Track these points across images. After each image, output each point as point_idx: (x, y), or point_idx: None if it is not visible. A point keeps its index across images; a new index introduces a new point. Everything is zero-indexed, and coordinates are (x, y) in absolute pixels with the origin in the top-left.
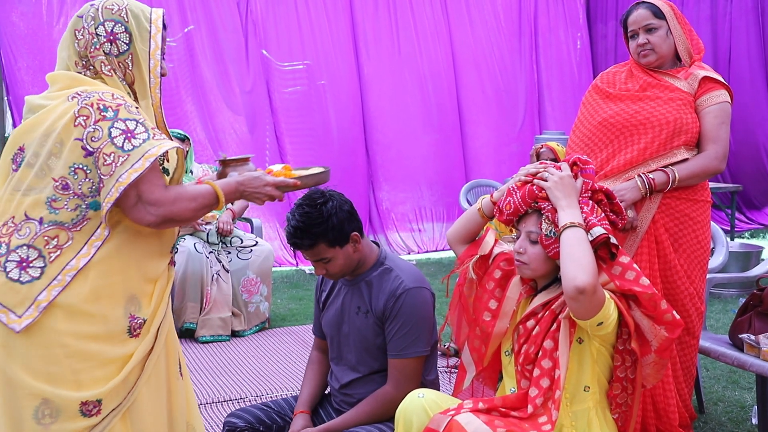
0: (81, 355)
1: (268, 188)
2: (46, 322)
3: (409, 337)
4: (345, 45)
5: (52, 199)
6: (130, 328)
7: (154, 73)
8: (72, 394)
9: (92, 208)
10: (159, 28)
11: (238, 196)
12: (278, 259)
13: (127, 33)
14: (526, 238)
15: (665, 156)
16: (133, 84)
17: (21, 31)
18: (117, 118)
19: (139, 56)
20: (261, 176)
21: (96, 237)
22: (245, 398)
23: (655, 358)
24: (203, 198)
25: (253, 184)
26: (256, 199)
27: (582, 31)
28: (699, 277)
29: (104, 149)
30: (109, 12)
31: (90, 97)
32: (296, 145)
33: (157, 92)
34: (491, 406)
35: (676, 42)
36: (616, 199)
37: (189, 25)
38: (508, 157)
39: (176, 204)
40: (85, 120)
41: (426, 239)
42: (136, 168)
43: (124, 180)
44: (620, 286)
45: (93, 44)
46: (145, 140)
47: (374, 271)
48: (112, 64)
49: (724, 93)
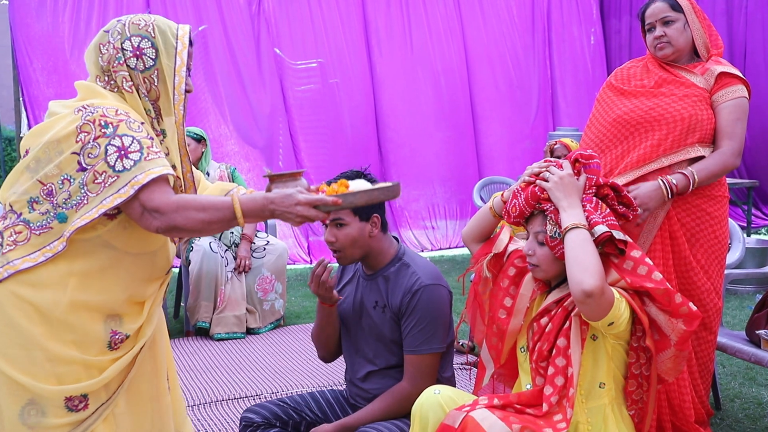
0: (62, 360)
1: (300, 208)
2: (24, 325)
3: (425, 333)
4: (358, 43)
5: (34, 200)
6: (111, 342)
7: (179, 89)
8: (57, 388)
9: (58, 218)
10: (185, 44)
11: (267, 215)
12: (292, 256)
13: (154, 48)
14: (534, 240)
15: (678, 152)
16: (157, 100)
17: (36, 33)
18: (115, 134)
19: (164, 72)
20: (294, 193)
21: (49, 248)
22: (261, 395)
23: (674, 352)
24: (216, 210)
25: (284, 203)
26: (289, 219)
27: (596, 26)
28: (716, 273)
29: (97, 167)
30: (136, 27)
31: (94, 112)
32: (310, 143)
33: (180, 109)
34: (506, 403)
35: (693, 36)
36: (624, 191)
37: (202, 24)
38: (522, 154)
39: (179, 212)
40: (85, 136)
41: (439, 236)
42: (120, 194)
43: (108, 203)
44: (632, 283)
45: (117, 59)
46: (136, 162)
47: (392, 267)
48: (136, 79)
49: (741, 88)
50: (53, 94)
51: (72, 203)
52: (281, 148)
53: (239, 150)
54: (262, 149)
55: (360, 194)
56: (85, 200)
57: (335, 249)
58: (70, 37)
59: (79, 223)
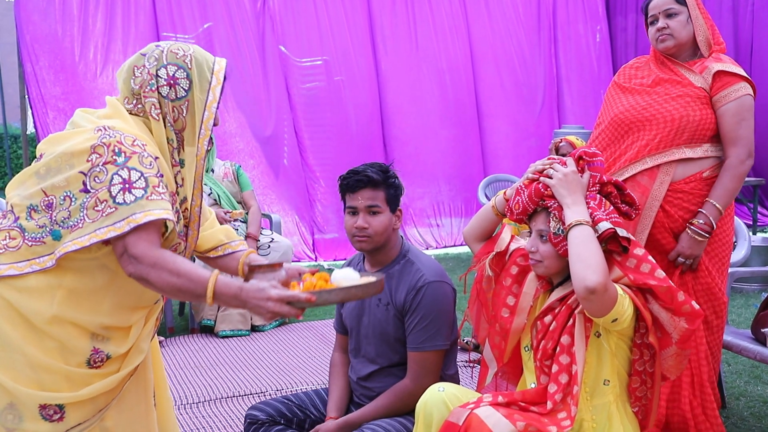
0: (42, 367)
1: (270, 303)
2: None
3: (429, 330)
4: (363, 40)
5: (33, 208)
6: (90, 360)
7: (207, 124)
8: (32, 393)
9: (53, 235)
10: (220, 80)
11: (238, 304)
12: (297, 254)
13: (188, 80)
14: (537, 237)
15: (664, 153)
16: (182, 131)
17: (43, 31)
18: (125, 165)
19: (195, 105)
20: (266, 288)
21: (38, 261)
22: (266, 392)
23: (676, 350)
24: (189, 281)
25: (255, 296)
26: (260, 313)
27: (601, 23)
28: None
29: (100, 194)
30: (174, 56)
31: (111, 136)
32: (315, 141)
33: (204, 144)
34: (511, 400)
35: (695, 30)
36: (627, 189)
37: (207, 21)
38: (527, 152)
39: (155, 269)
40: (96, 158)
41: (444, 234)
42: (116, 228)
43: (101, 234)
44: (635, 280)
45: (149, 85)
46: (137, 198)
47: (397, 264)
48: (164, 107)
49: (743, 86)
50: (60, 92)
51: (69, 224)
52: (286, 146)
53: (244, 147)
54: (267, 147)
55: (336, 291)
56: (80, 224)
57: (365, 235)
58: (79, 36)
59: (70, 247)
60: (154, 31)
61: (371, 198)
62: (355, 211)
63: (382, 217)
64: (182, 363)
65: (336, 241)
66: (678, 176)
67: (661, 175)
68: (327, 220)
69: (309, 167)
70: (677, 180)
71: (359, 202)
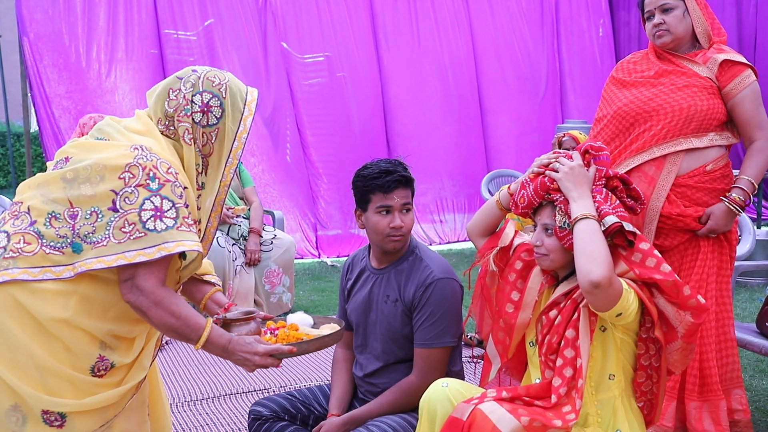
0: (49, 370)
1: (257, 358)
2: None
3: (437, 327)
4: (365, 36)
5: (54, 216)
6: (94, 367)
7: (235, 154)
8: (37, 395)
9: (73, 247)
10: (251, 111)
11: (225, 355)
12: (300, 251)
13: (221, 108)
14: (542, 231)
15: (671, 143)
16: (209, 156)
17: (46, 30)
18: (158, 192)
19: (225, 133)
20: (253, 342)
21: (55, 270)
22: (269, 389)
23: (682, 344)
24: (186, 326)
25: (243, 349)
26: (245, 365)
27: (604, 18)
28: None
29: (129, 216)
30: (210, 84)
31: (147, 159)
32: (318, 137)
33: (231, 172)
34: (515, 395)
35: (693, 23)
36: (633, 184)
37: (209, 18)
38: (530, 147)
39: (157, 307)
40: (129, 178)
41: (447, 230)
42: (146, 253)
43: (130, 257)
44: (640, 274)
45: (185, 110)
46: (168, 227)
47: (405, 260)
48: (195, 133)
49: (750, 73)
50: (64, 91)
51: (92, 239)
52: (289, 143)
53: (247, 144)
54: (269, 143)
55: (313, 342)
56: (104, 242)
57: (401, 234)
58: (82, 34)
59: (94, 264)
60: (156, 28)
61: (405, 196)
62: (389, 209)
63: (412, 214)
64: (186, 360)
65: (339, 238)
66: (683, 170)
67: (668, 165)
68: (330, 216)
69: (312, 164)
70: (682, 174)
71: (395, 201)
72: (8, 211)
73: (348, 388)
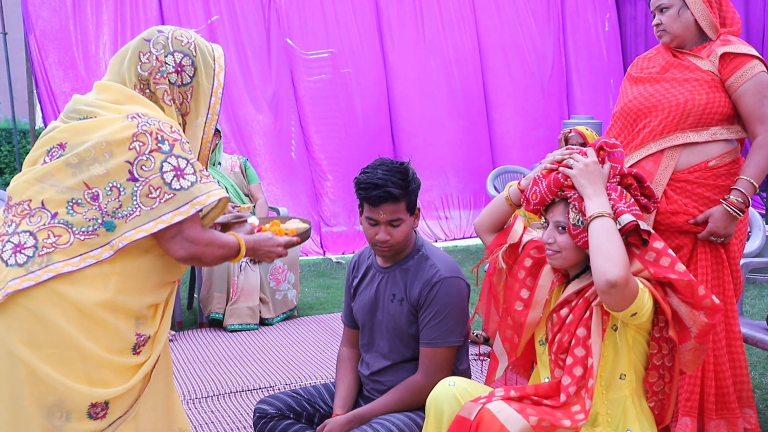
0: (94, 360)
1: (280, 249)
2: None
3: (443, 326)
4: (369, 32)
5: (75, 202)
6: (136, 345)
7: (214, 110)
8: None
9: (106, 226)
10: (222, 66)
11: (251, 254)
12: (304, 249)
13: (193, 67)
14: (554, 228)
15: (667, 138)
16: (185, 115)
17: (52, 27)
18: (171, 153)
19: (200, 91)
20: (273, 237)
21: (93, 254)
22: (274, 386)
23: (694, 344)
24: (229, 248)
25: (267, 244)
26: (266, 257)
27: (611, 12)
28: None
29: (152, 181)
30: (179, 43)
31: (150, 124)
32: (322, 134)
33: (211, 128)
34: (523, 395)
35: (696, 17)
36: (647, 182)
37: (213, 15)
38: (536, 143)
39: (209, 247)
40: (140, 146)
41: (453, 227)
42: (181, 212)
43: (167, 219)
44: (655, 273)
45: (160, 72)
46: (193, 183)
47: (411, 259)
48: (173, 93)
49: (756, 63)
50: (70, 88)
51: (122, 213)
52: (293, 140)
53: (251, 141)
54: (274, 140)
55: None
56: (136, 212)
57: (387, 246)
58: (90, 32)
59: (135, 236)
60: (161, 24)
61: (393, 212)
62: (376, 222)
63: (404, 226)
64: (191, 357)
65: (344, 235)
66: (682, 164)
67: (665, 160)
68: (334, 213)
69: (315, 161)
70: (681, 169)
71: (381, 216)
72: (11, 214)
73: (353, 386)
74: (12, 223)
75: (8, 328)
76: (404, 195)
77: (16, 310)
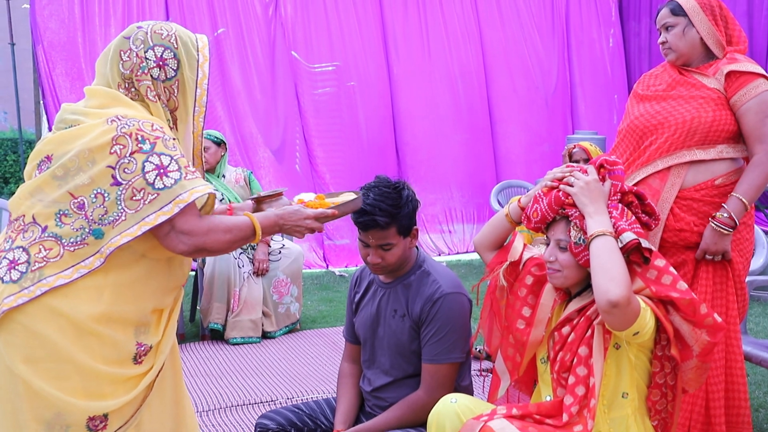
0: (91, 373)
1: (308, 221)
2: (56, 338)
3: (445, 342)
4: (375, 46)
5: (63, 213)
6: (136, 355)
7: (200, 101)
8: (82, 405)
9: (94, 234)
10: (206, 57)
11: (277, 230)
12: (307, 262)
13: (176, 59)
14: (555, 246)
15: (674, 155)
16: (175, 110)
17: (59, 38)
18: (153, 151)
19: (185, 84)
20: (300, 209)
21: (85, 264)
22: (276, 400)
23: (696, 363)
24: (239, 230)
25: (293, 218)
26: (296, 232)
27: (615, 28)
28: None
29: (135, 183)
30: (159, 37)
31: (129, 125)
32: (326, 147)
33: (200, 120)
34: (525, 413)
35: (702, 36)
36: (648, 199)
37: (219, 27)
38: (540, 158)
39: (210, 235)
40: (121, 149)
41: (456, 241)
42: (164, 211)
43: (150, 221)
44: (656, 292)
45: (141, 68)
46: (176, 180)
47: (412, 274)
48: (157, 89)
49: (761, 82)
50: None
51: (108, 219)
52: (298, 152)
53: (255, 154)
54: (278, 153)
55: (348, 204)
56: (122, 217)
57: (379, 267)
58: (98, 44)
59: (120, 241)
60: None
61: (381, 238)
62: (367, 245)
63: (396, 249)
64: (192, 370)
65: (347, 248)
66: (689, 182)
67: (672, 178)
68: (337, 227)
69: (318, 174)
70: (688, 187)
71: (370, 241)
72: (10, 230)
73: (354, 402)
74: (9, 239)
75: (6, 345)
76: (392, 222)
77: (13, 326)
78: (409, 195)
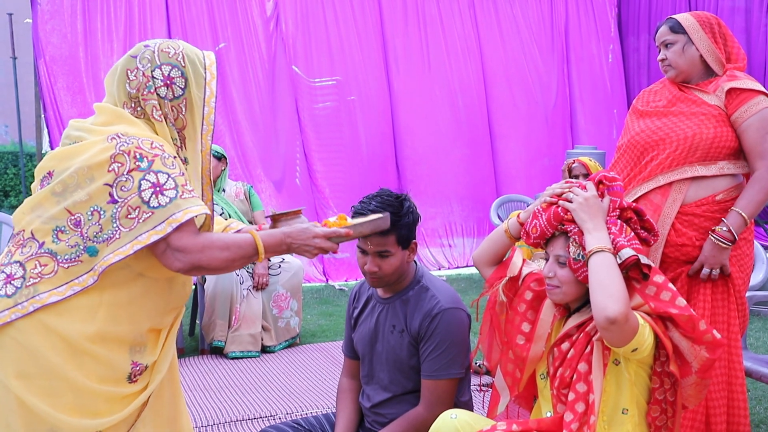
0: (84, 391)
1: (317, 240)
2: (49, 355)
3: (444, 358)
4: (375, 60)
5: (59, 230)
6: (131, 374)
7: (208, 120)
8: (75, 422)
9: (88, 252)
10: (213, 74)
11: (284, 249)
12: (307, 276)
13: (183, 78)
14: (554, 262)
15: (675, 171)
16: (183, 129)
17: (61, 53)
18: (150, 169)
19: (193, 102)
20: (310, 227)
21: (78, 282)
22: (275, 416)
23: (696, 379)
24: (239, 248)
25: (301, 236)
26: (306, 252)
27: (614, 43)
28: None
29: (131, 201)
30: (166, 56)
31: (128, 143)
32: (325, 162)
33: (208, 139)
34: (526, 429)
35: (702, 53)
36: (647, 215)
37: (220, 42)
38: (540, 172)
39: (205, 252)
40: (119, 167)
41: (456, 255)
42: (157, 231)
43: (143, 240)
44: (655, 308)
45: (147, 87)
46: (171, 199)
47: (411, 290)
48: (164, 108)
49: (762, 99)
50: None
51: (103, 237)
52: (298, 166)
53: (255, 168)
54: (278, 168)
55: (367, 224)
56: (116, 235)
57: (376, 276)
58: (101, 59)
59: (112, 259)
60: None
61: (380, 244)
62: (365, 252)
63: (393, 259)
64: (192, 385)
65: (347, 262)
66: (690, 198)
67: (673, 193)
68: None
69: (318, 188)
70: (689, 202)
71: (368, 247)
72: (11, 244)
73: (353, 418)
74: (9, 254)
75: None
76: (393, 229)
77: (6, 341)
78: (410, 206)
